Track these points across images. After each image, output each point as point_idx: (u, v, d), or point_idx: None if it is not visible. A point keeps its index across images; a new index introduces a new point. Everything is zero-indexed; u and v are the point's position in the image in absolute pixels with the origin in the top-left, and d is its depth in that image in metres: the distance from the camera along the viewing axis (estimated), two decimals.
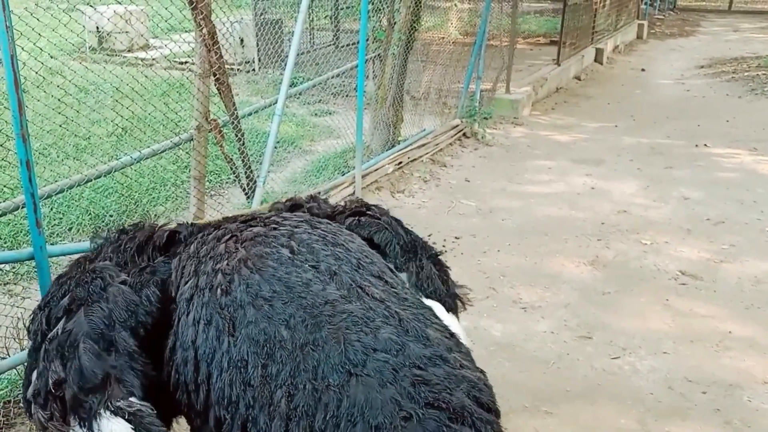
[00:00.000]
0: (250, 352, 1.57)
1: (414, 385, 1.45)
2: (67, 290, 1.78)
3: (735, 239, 5.27)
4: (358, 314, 1.60)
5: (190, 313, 1.70)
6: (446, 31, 8.49)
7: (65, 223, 4.94)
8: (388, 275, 1.85)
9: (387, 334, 1.55)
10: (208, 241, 1.90)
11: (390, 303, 1.67)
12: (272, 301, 1.64)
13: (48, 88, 5.41)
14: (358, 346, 1.51)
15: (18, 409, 3.17)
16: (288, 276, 1.70)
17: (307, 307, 1.62)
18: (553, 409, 3.32)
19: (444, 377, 1.50)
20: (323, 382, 1.47)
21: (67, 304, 1.73)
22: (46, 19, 3.85)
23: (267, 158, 4.83)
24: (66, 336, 1.66)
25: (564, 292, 4.45)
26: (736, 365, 3.69)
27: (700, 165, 7.12)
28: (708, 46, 14.79)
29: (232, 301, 1.66)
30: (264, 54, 10.05)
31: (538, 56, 12.16)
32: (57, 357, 1.65)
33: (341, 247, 1.86)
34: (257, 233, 1.89)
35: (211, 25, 3.88)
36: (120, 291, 1.76)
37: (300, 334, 1.56)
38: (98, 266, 1.85)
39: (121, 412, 1.58)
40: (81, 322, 1.67)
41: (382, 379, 1.45)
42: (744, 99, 10.12)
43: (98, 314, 1.69)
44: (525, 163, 7.22)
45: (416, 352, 1.53)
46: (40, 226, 2.87)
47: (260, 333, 1.59)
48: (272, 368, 1.53)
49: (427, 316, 1.70)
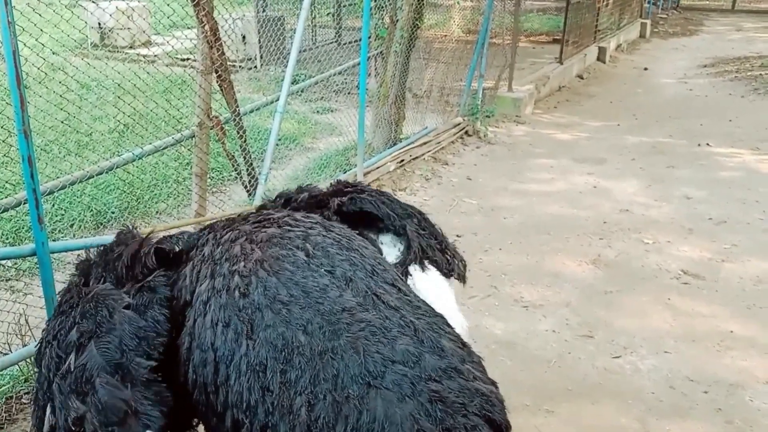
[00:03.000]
0: (269, 357, 1.56)
1: (431, 402, 1.44)
2: (74, 322, 1.73)
3: (737, 239, 5.26)
4: (376, 324, 1.58)
5: (207, 315, 1.69)
6: (449, 28, 8.49)
7: (67, 219, 4.94)
8: (401, 283, 1.84)
9: (404, 345, 1.54)
10: (223, 242, 1.88)
11: (405, 312, 1.66)
12: (290, 306, 1.63)
13: (50, 84, 5.42)
14: (377, 357, 1.50)
15: (20, 405, 3.18)
16: (305, 280, 1.70)
17: (325, 313, 1.61)
18: (555, 407, 3.32)
19: (459, 391, 1.48)
20: (343, 392, 1.45)
21: (76, 338, 1.69)
22: (48, 15, 3.85)
23: (269, 155, 4.83)
24: (81, 371, 1.63)
25: (565, 291, 4.44)
26: (738, 365, 3.69)
27: (702, 164, 7.11)
28: (711, 46, 14.77)
29: (250, 303, 1.65)
30: (266, 51, 10.05)
31: (540, 54, 12.14)
32: (73, 393, 1.62)
33: (356, 252, 1.85)
34: (272, 234, 1.88)
35: (213, 22, 3.88)
36: (126, 318, 1.72)
37: (318, 340, 1.55)
38: (100, 292, 1.81)
39: None
40: (94, 356, 1.64)
41: (401, 393, 1.44)
42: (747, 99, 10.10)
43: (110, 345, 1.66)
44: (527, 161, 7.22)
45: (432, 363, 1.52)
46: (41, 222, 2.87)
47: (278, 337, 1.58)
48: (291, 374, 1.52)
49: (440, 325, 1.69)
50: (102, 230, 4.93)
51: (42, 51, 4.29)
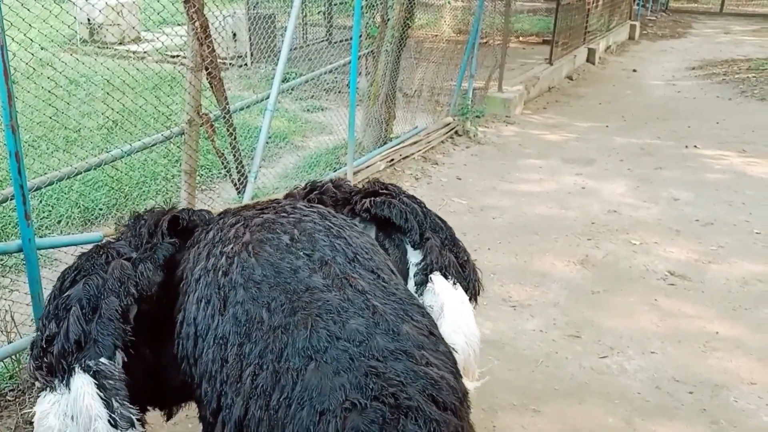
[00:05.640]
0: (232, 331, 1.68)
1: (367, 376, 1.50)
2: (80, 264, 1.98)
3: (723, 240, 5.30)
4: (334, 303, 1.67)
5: (196, 292, 1.84)
6: (439, 28, 8.50)
7: (54, 215, 4.91)
8: (386, 272, 1.89)
9: (355, 325, 1.61)
10: (224, 227, 2.02)
11: (371, 296, 1.72)
12: (260, 284, 1.73)
13: (38, 79, 5.38)
14: (323, 333, 1.57)
15: (4, 402, 3.15)
16: (280, 261, 1.80)
17: (289, 292, 1.70)
18: (541, 407, 3.34)
19: (401, 372, 1.53)
20: (285, 364, 1.55)
21: (74, 274, 1.93)
22: (37, 10, 3.82)
23: (258, 153, 4.82)
24: (65, 300, 1.85)
25: (553, 291, 4.46)
26: (723, 365, 3.72)
27: (689, 166, 7.16)
28: (699, 48, 14.87)
29: (228, 281, 1.78)
30: (256, 49, 10.02)
31: (530, 55, 12.18)
32: (53, 317, 1.84)
33: (342, 240, 1.92)
34: (266, 220, 2.00)
35: (204, 19, 3.86)
36: (118, 264, 1.92)
37: (277, 317, 1.65)
38: (111, 245, 2.06)
39: (89, 370, 1.71)
40: (78, 290, 1.86)
41: (337, 366, 1.51)
42: (734, 101, 10.18)
43: (93, 283, 1.87)
44: (516, 161, 7.24)
45: (380, 344, 1.58)
46: (29, 219, 2.85)
47: (244, 313, 1.69)
48: (246, 347, 1.63)
49: (410, 313, 1.73)
50: (89, 227, 4.89)
51: (30, 46, 4.25)
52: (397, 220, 2.25)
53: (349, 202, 2.38)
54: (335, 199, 2.41)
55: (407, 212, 2.26)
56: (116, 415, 1.69)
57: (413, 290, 2.13)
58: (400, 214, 2.25)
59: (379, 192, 2.37)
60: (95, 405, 1.68)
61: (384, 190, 2.38)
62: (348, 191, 2.45)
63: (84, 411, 1.68)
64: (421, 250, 2.20)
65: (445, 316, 2.05)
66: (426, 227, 2.27)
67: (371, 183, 2.46)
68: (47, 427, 1.74)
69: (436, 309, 2.07)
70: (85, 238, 3.53)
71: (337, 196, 2.42)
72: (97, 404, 1.68)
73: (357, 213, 2.34)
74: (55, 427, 1.72)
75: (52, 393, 1.76)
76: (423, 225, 2.26)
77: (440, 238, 2.28)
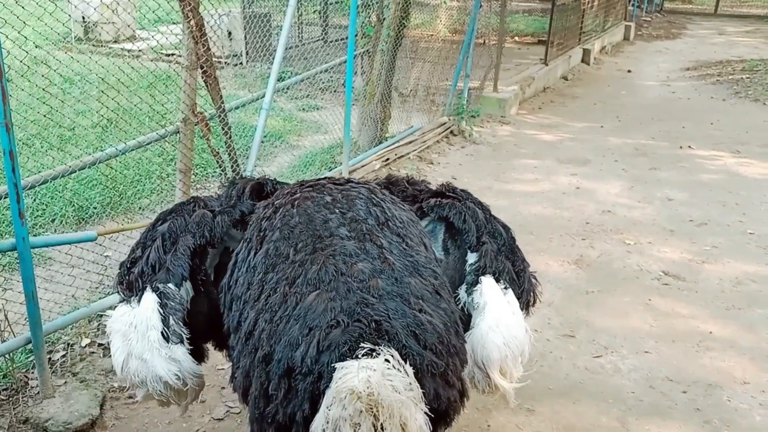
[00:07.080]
0: (261, 262, 1.97)
1: (358, 304, 1.71)
2: (174, 208, 2.40)
3: (717, 240, 5.32)
4: (349, 248, 1.90)
5: (246, 236, 2.16)
6: (435, 28, 8.50)
7: (48, 214, 4.89)
8: (414, 241, 2.07)
9: (361, 267, 1.83)
10: (285, 190, 2.35)
11: (387, 251, 1.93)
12: (294, 228, 2.03)
13: (32, 77, 5.36)
14: (331, 269, 1.82)
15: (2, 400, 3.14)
16: (316, 213, 2.08)
17: (315, 237, 1.97)
18: (536, 406, 3.35)
19: (391, 308, 1.72)
20: (294, 289, 1.80)
21: (166, 215, 2.36)
22: (32, 7, 3.80)
23: (254, 152, 4.81)
24: (153, 233, 2.29)
25: (548, 291, 4.47)
26: (717, 365, 3.74)
27: (683, 166, 7.19)
28: (694, 49, 14.92)
29: (269, 225, 2.10)
30: (252, 47, 10.00)
31: (526, 55, 12.21)
32: (141, 245, 2.29)
33: (379, 208, 2.15)
34: (318, 184, 2.31)
35: (199, 17, 3.85)
36: (201, 213, 2.32)
37: (300, 255, 1.91)
38: (202, 198, 2.45)
39: (156, 290, 2.09)
40: (165, 226, 2.28)
41: (336, 293, 1.74)
42: (728, 102, 10.22)
43: (177, 223, 2.27)
44: (511, 161, 7.25)
45: (380, 285, 1.78)
46: (22, 217, 2.84)
47: (274, 249, 1.98)
48: (269, 275, 1.90)
49: (422, 272, 1.91)
50: (84, 226, 4.88)
51: (25, 44, 4.23)
52: (456, 221, 2.36)
53: (418, 200, 2.51)
54: (405, 194, 2.56)
55: (467, 215, 2.36)
56: (170, 330, 2.04)
57: (464, 290, 2.21)
58: (458, 216, 2.36)
59: (446, 194, 2.50)
60: (153, 317, 2.05)
61: (452, 193, 2.51)
62: (419, 189, 2.61)
63: (144, 320, 2.05)
64: (477, 253, 2.28)
65: (485, 315, 2.11)
66: (484, 231, 2.34)
67: (442, 185, 2.60)
68: (115, 329, 2.13)
69: (480, 307, 2.14)
70: (79, 237, 3.52)
71: (408, 191, 2.59)
72: (155, 317, 2.05)
73: (425, 212, 2.46)
74: (120, 330, 2.11)
75: (127, 305, 2.15)
76: (481, 229, 2.35)
77: (497, 244, 2.35)
